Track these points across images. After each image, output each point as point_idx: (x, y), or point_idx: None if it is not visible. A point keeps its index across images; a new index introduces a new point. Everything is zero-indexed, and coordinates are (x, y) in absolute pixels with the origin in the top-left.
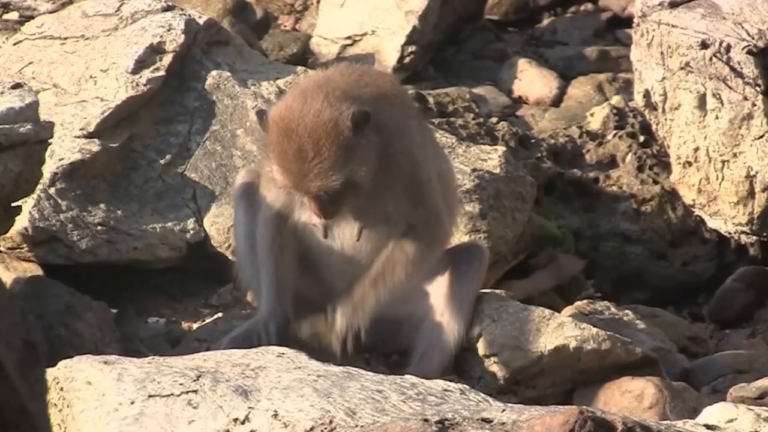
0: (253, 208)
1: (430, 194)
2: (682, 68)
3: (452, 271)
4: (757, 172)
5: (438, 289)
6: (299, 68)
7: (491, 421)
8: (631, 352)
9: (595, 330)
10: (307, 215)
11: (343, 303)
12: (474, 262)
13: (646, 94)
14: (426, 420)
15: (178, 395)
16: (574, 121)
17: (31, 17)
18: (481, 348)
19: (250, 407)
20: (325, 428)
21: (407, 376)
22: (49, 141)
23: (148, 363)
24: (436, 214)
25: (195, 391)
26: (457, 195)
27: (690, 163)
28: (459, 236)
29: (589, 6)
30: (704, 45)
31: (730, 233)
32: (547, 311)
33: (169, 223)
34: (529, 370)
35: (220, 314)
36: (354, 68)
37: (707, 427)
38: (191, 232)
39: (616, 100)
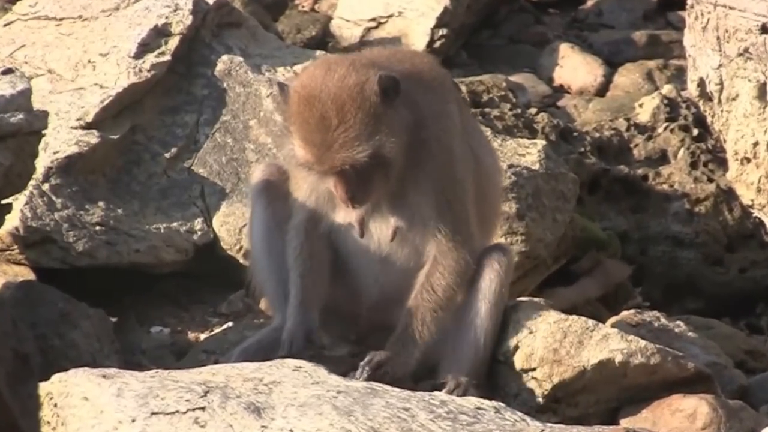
0: (272, 207)
1: (461, 201)
2: (740, 54)
3: (477, 278)
4: None
5: (463, 298)
6: (318, 53)
7: None
8: (683, 367)
9: (643, 343)
10: (342, 215)
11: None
12: (495, 265)
13: (701, 83)
14: None
15: (184, 413)
16: (620, 113)
17: None
18: (517, 362)
19: (263, 426)
20: None
21: (436, 393)
22: (43, 132)
23: (151, 377)
24: (463, 225)
25: (202, 408)
26: (498, 199)
27: (748, 159)
28: (494, 238)
29: None
30: (765, 29)
31: None
32: (590, 322)
33: (175, 223)
34: (571, 387)
35: (230, 324)
36: (386, 48)
37: None
38: (199, 233)
39: (667, 89)
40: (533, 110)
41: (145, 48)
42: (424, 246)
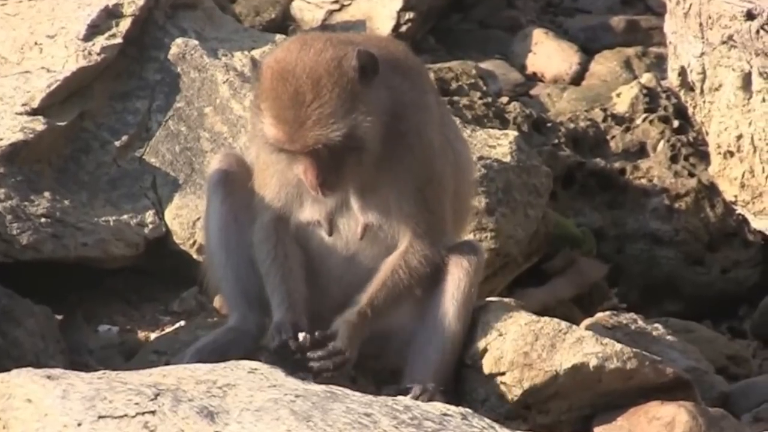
0: (229, 199)
1: (439, 198)
2: (724, 42)
3: (445, 276)
4: None
5: (429, 298)
6: (278, 36)
7: None
8: (661, 373)
9: (619, 346)
10: (309, 212)
11: (346, 328)
12: (464, 263)
13: (682, 72)
14: None
15: (133, 416)
16: (597, 103)
17: None
18: (486, 366)
19: (216, 431)
20: None
21: (400, 398)
22: None
23: (99, 378)
24: (439, 223)
25: (152, 412)
26: (470, 193)
27: (732, 153)
28: (463, 235)
29: None
30: (750, 15)
31: None
32: (563, 324)
33: (125, 216)
34: (542, 392)
35: (182, 323)
36: (360, 33)
37: None
38: (150, 226)
39: (646, 78)
40: (504, 99)
41: (95, 30)
42: (396, 244)
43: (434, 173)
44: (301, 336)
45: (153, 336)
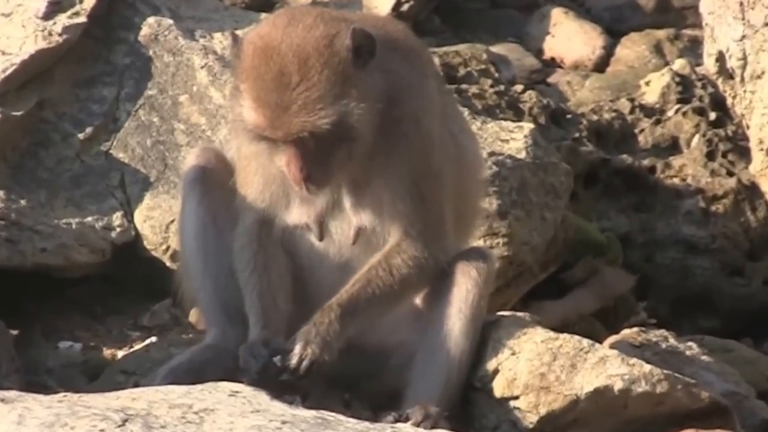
0: (207, 200)
1: (437, 195)
2: (767, 24)
3: (450, 287)
4: None
5: (433, 311)
6: (263, 16)
7: None
8: (696, 397)
9: (647, 367)
10: (297, 215)
11: (304, 328)
12: (472, 272)
13: (720, 58)
14: None
15: None
16: (623, 92)
17: None
18: (497, 389)
19: None
20: None
21: (399, 425)
22: None
23: (59, 402)
24: (437, 223)
25: None
26: (478, 193)
27: None
28: (471, 241)
29: None
30: None
31: None
32: (585, 341)
33: (89, 218)
34: (561, 419)
35: (153, 339)
36: (355, 12)
37: None
38: (118, 229)
39: (679, 64)
40: (519, 87)
41: (55, 7)
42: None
43: (432, 167)
44: (276, 358)
45: (120, 354)
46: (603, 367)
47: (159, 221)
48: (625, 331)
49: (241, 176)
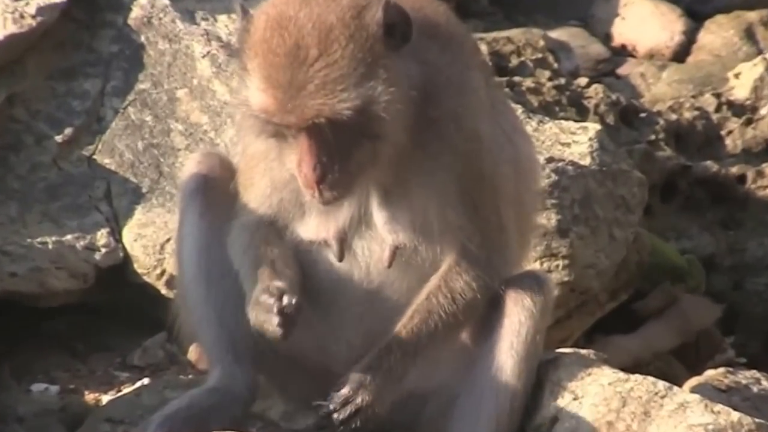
0: (210, 215)
1: (494, 203)
2: None
3: (500, 319)
4: None
5: (479, 347)
6: None
7: None
8: None
9: (736, 415)
10: (313, 228)
11: (358, 369)
12: (526, 301)
13: None
14: None
15: None
16: (708, 86)
17: None
18: None
19: None
20: None
21: None
22: None
23: None
24: (499, 235)
25: None
26: (534, 205)
27: None
28: (526, 263)
29: None
30: None
31: None
32: (660, 384)
33: (69, 236)
34: None
35: (145, 380)
36: None
37: None
38: (103, 250)
39: None
40: (583, 81)
41: None
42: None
43: (484, 171)
44: (285, 299)
45: (105, 398)
46: (683, 415)
47: (152, 240)
48: (709, 372)
49: (244, 177)
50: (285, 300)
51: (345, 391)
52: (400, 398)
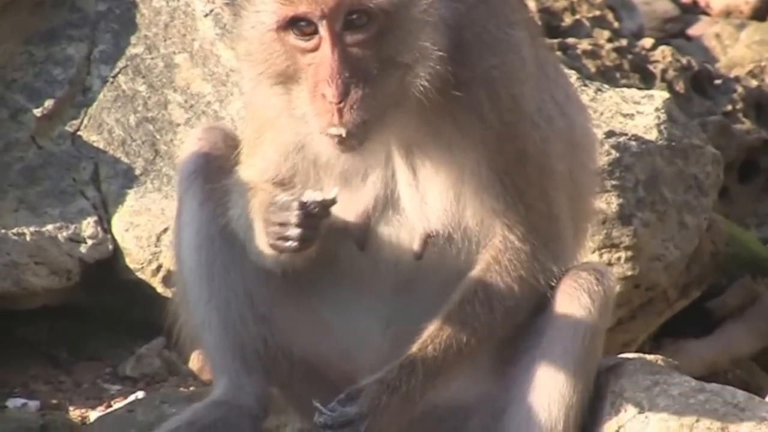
0: (213, 200)
1: (542, 185)
2: None
3: (552, 319)
4: None
5: (528, 352)
6: None
7: None
8: None
9: None
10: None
11: (375, 385)
12: (584, 299)
13: None
14: None
15: None
16: None
17: None
18: None
19: None
20: None
21: None
22: None
23: None
24: (549, 224)
25: None
26: (590, 187)
27: None
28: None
29: None
30: None
31: None
32: (740, 395)
33: (49, 226)
34: None
35: (140, 393)
36: None
37: None
38: (89, 242)
39: None
40: (648, 42)
41: None
42: (482, 256)
43: (527, 149)
44: (306, 195)
45: (93, 415)
46: (765, 429)
47: (146, 230)
48: None
49: (250, 143)
50: (306, 196)
51: (352, 409)
52: (437, 413)
